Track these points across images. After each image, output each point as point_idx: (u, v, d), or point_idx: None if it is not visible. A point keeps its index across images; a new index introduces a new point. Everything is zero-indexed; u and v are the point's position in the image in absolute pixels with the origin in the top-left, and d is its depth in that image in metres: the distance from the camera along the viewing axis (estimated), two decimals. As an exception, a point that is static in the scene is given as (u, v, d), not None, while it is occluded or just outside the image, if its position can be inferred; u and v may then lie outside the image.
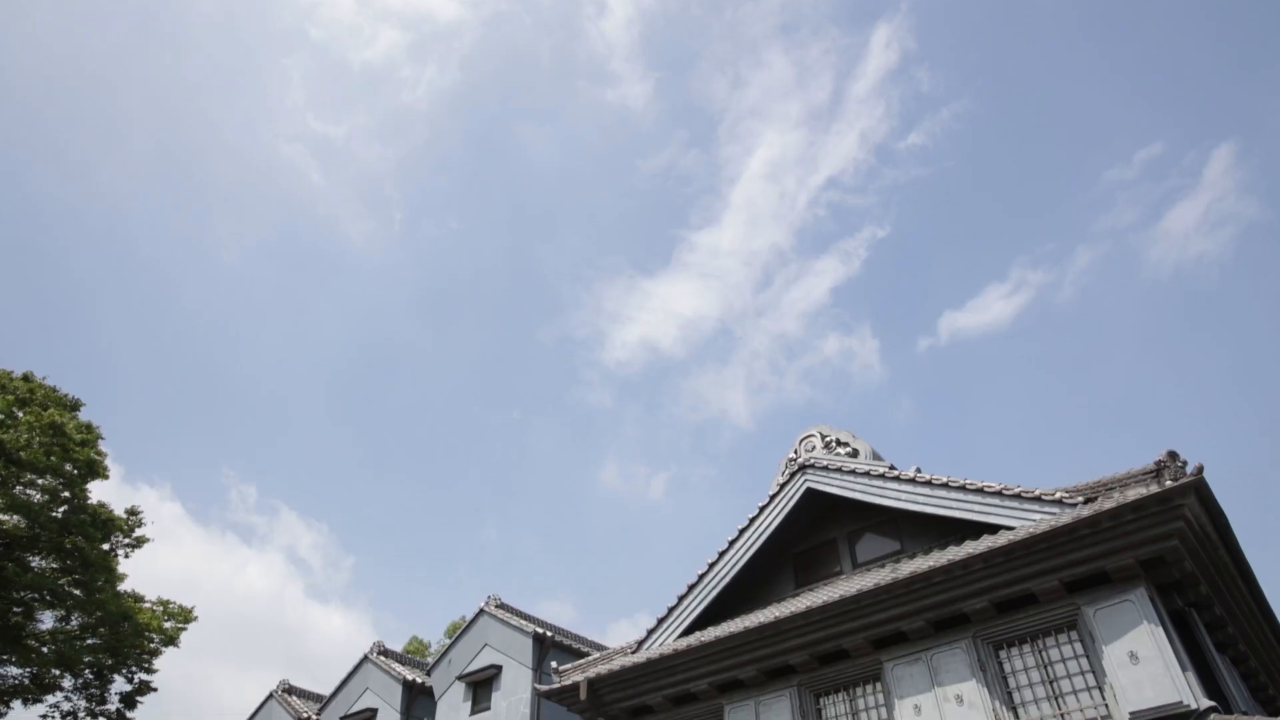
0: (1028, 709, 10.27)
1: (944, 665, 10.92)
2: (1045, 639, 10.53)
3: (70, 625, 16.88)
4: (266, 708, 24.12)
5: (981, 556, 10.44)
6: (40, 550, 16.12)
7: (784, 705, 12.25)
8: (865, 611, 11.41)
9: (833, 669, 12.10)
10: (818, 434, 14.63)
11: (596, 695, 14.04)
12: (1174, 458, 9.59)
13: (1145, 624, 9.53)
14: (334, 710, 21.47)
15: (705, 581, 14.26)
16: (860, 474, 13.22)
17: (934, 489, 12.20)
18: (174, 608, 18.30)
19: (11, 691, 16.57)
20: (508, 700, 17.14)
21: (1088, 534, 9.85)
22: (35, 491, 16.26)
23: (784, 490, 14.14)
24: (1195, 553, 9.87)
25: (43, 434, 16.21)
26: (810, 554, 14.49)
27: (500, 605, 19.18)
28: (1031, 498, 10.92)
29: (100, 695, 17.47)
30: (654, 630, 14.41)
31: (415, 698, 20.26)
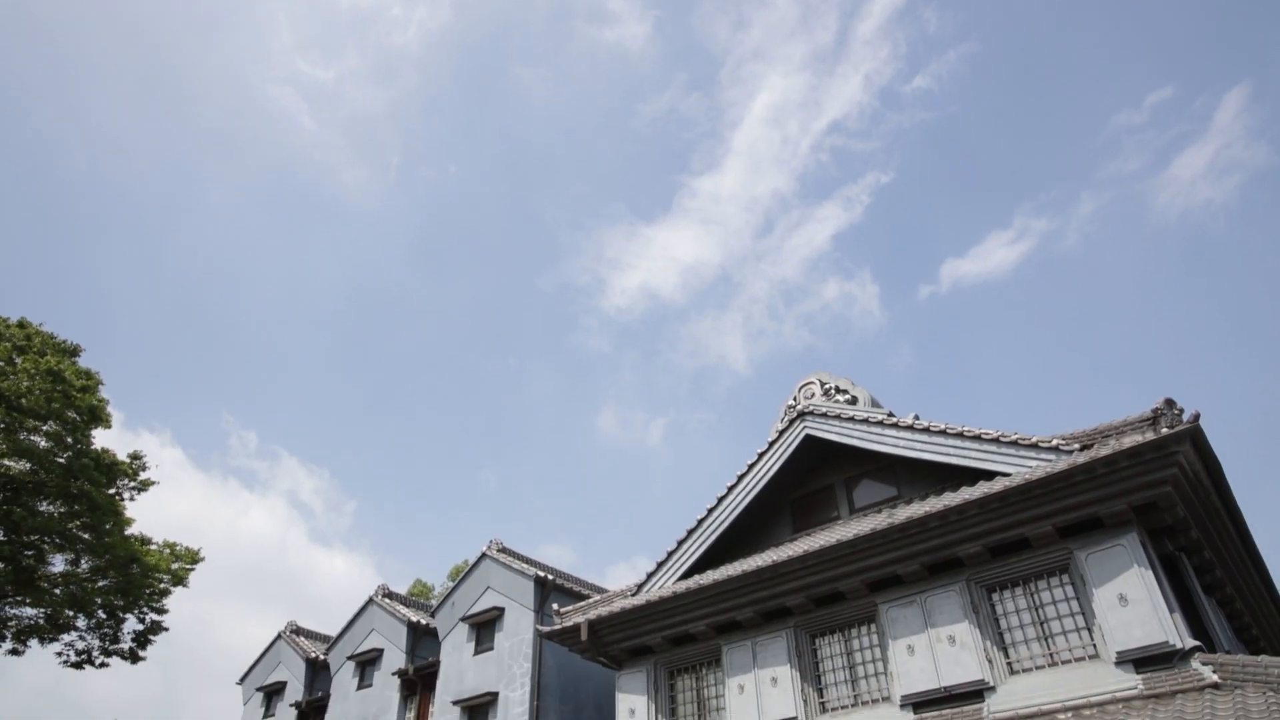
0: (1018, 649, 10.54)
1: (937, 607, 11.17)
2: (1037, 582, 10.75)
3: (81, 568, 17.19)
4: (275, 648, 24.75)
5: (978, 502, 10.58)
6: (47, 495, 16.32)
7: (780, 646, 12.56)
8: (861, 555, 11.62)
9: (828, 611, 12.37)
10: (817, 381, 14.69)
11: (597, 636, 14.38)
12: (1171, 405, 9.65)
13: (1136, 567, 9.72)
14: (341, 650, 22.02)
15: (704, 526, 14.49)
16: (859, 421, 13.31)
17: (931, 436, 12.30)
18: (181, 549, 18.62)
19: (28, 631, 17.01)
20: (510, 641, 17.57)
21: (1083, 480, 9.97)
22: (40, 438, 16.38)
23: (783, 436, 14.25)
24: (1188, 499, 10.01)
25: (42, 381, 16.25)
26: (808, 499, 14.69)
27: (502, 549, 19.51)
28: (1028, 445, 11.02)
29: (114, 634, 17.91)
30: (653, 573, 14.69)
31: (420, 638, 20.76)
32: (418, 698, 19.52)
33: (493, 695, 16.98)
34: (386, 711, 19.65)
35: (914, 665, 11.03)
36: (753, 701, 12.43)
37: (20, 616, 16.95)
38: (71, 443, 16.75)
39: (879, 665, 11.69)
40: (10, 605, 16.80)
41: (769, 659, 12.58)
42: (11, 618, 16.94)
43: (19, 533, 15.86)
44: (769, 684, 12.38)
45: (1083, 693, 9.59)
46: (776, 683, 12.31)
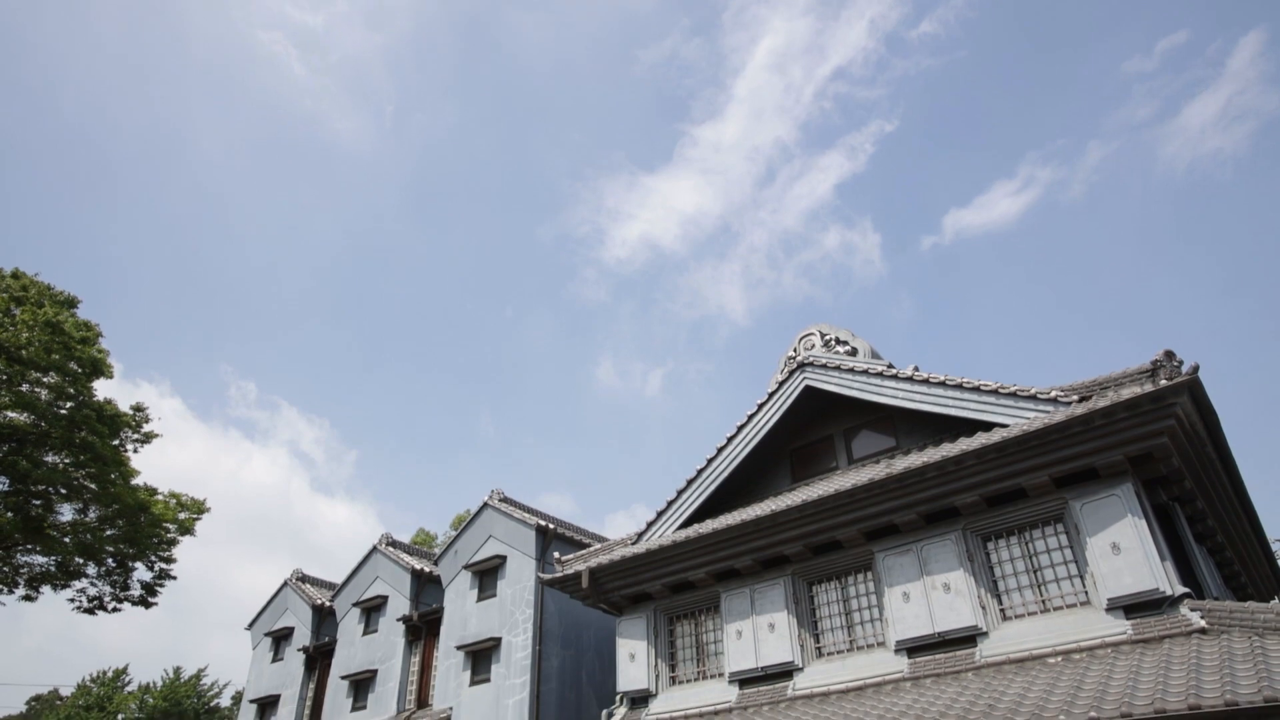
0: (1011, 596, 10.77)
1: (933, 556, 11.37)
2: (1032, 531, 10.93)
3: (89, 517, 17.43)
4: (282, 595, 25.23)
5: (975, 453, 10.68)
6: (52, 446, 16.45)
7: (778, 593, 12.82)
8: (859, 505, 11.78)
9: (825, 559, 12.59)
10: (817, 332, 14.71)
11: (598, 583, 14.66)
12: (1170, 357, 9.68)
13: (1129, 517, 9.87)
14: (346, 597, 22.45)
15: (704, 476, 14.65)
16: (858, 372, 13.36)
17: (931, 387, 12.36)
18: (187, 499, 18.84)
19: (40, 578, 17.34)
20: (512, 588, 17.91)
21: (1080, 431, 10.05)
22: (42, 389, 16.43)
23: (783, 388, 14.32)
24: (1184, 450, 10.11)
25: (41, 332, 16.22)
26: (807, 450, 14.83)
27: (504, 499, 19.75)
28: (1027, 396, 11.08)
29: (124, 581, 18.26)
30: (654, 522, 14.90)
31: (424, 586, 21.15)
32: (422, 643, 19.98)
33: (496, 640, 17.38)
34: (392, 656, 20.13)
35: (909, 612, 11.27)
36: (750, 646, 12.73)
37: (32, 564, 17.27)
38: (73, 394, 16.80)
39: (874, 612, 11.95)
40: (22, 553, 17.08)
41: (767, 605, 12.85)
42: (24, 565, 17.25)
43: (25, 482, 16.03)
44: (766, 629, 12.67)
45: (1073, 638, 9.83)
46: (774, 628, 12.59)
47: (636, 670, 14.08)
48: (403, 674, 19.75)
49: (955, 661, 10.61)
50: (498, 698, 16.75)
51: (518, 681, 16.56)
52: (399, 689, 19.52)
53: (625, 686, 14.14)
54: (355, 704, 20.33)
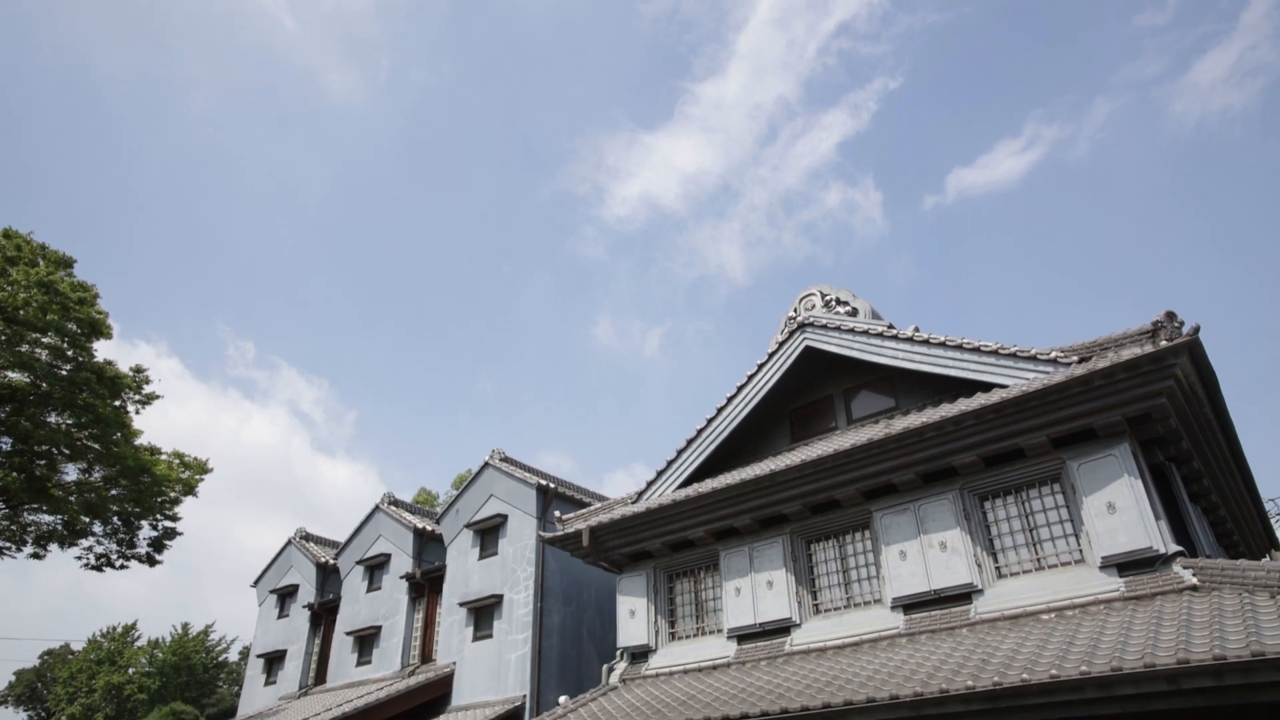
0: (1007, 554, 10.90)
1: (930, 515, 11.48)
2: (1029, 491, 11.03)
3: (93, 477, 17.56)
4: (286, 553, 25.54)
5: (974, 413, 10.73)
6: (54, 407, 16.50)
7: (776, 551, 12.98)
8: (858, 465, 11.86)
9: (824, 518, 12.73)
10: (818, 293, 14.66)
11: (598, 541, 14.83)
12: (1171, 318, 9.67)
13: (1126, 477, 9.95)
14: (350, 555, 22.73)
15: (704, 435, 14.73)
16: (859, 333, 13.35)
17: (931, 348, 12.36)
18: (190, 460, 18.96)
19: (47, 536, 17.55)
20: (514, 546, 18.12)
21: (1079, 392, 10.08)
22: (41, 351, 16.42)
23: (783, 348, 14.32)
24: (1181, 411, 10.15)
25: (39, 293, 16.14)
26: (807, 410, 14.89)
27: (504, 459, 19.88)
28: (1027, 357, 11.09)
29: (129, 540, 18.47)
30: (653, 481, 15.02)
31: (426, 544, 21.40)
32: (425, 599, 20.29)
33: (498, 597, 17.65)
34: (396, 612, 20.45)
35: (905, 570, 11.42)
36: (749, 603, 12.93)
37: (39, 522, 17.46)
38: (72, 355, 16.79)
39: (871, 570, 12.12)
40: (28, 512, 17.25)
41: (765, 563, 13.02)
42: (31, 523, 17.44)
43: (28, 443, 16.11)
44: (765, 587, 12.85)
45: (1067, 595, 9.98)
46: (772, 585, 12.78)
47: (636, 626, 14.32)
48: (406, 630, 20.09)
49: (950, 618, 10.79)
50: (500, 653, 17.06)
51: (520, 637, 16.86)
52: (403, 644, 19.87)
53: (625, 642, 14.40)
54: (360, 659, 20.72)
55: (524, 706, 15.95)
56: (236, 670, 52.29)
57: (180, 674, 50.37)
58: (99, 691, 50.09)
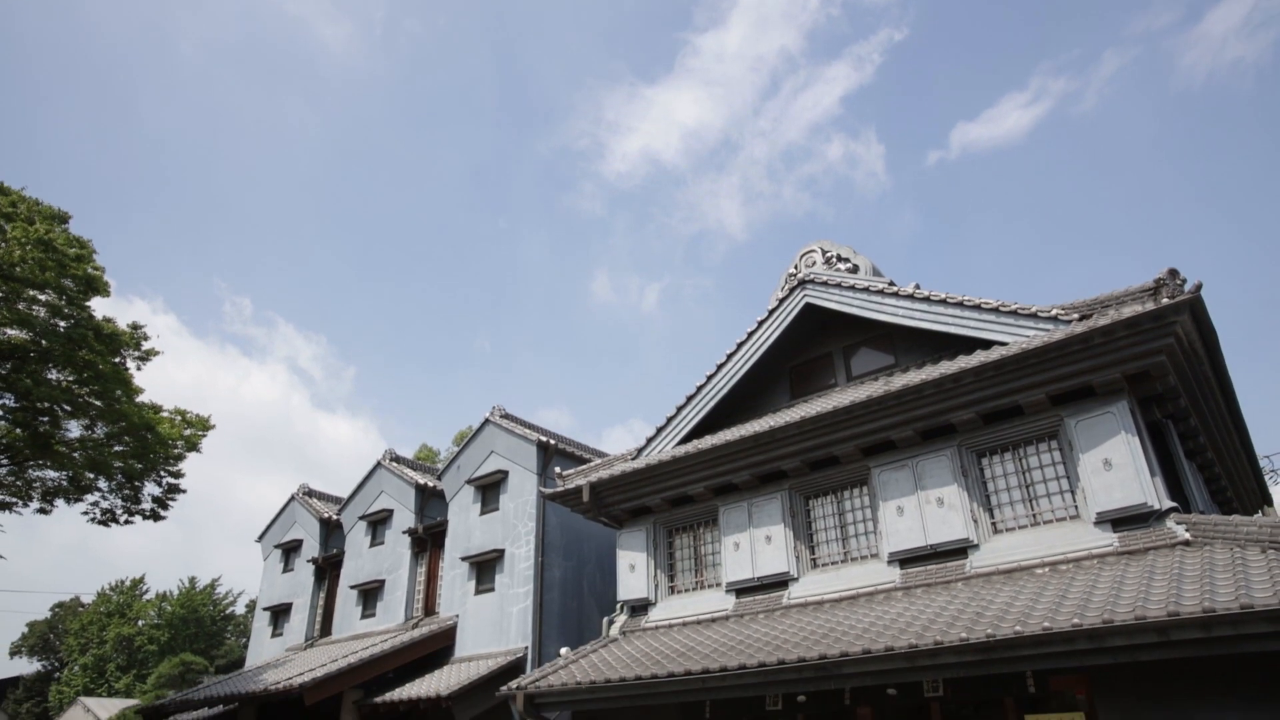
0: (1003, 510, 11.02)
1: (928, 471, 11.58)
2: (1026, 448, 11.10)
3: (96, 433, 17.64)
4: (290, 508, 25.82)
5: (973, 371, 10.74)
6: (54, 364, 16.48)
7: (775, 506, 13.11)
8: (857, 422, 11.92)
9: (822, 474, 12.83)
10: (818, 249, 14.58)
11: (598, 497, 14.98)
12: (1174, 275, 9.62)
13: (1122, 434, 10.00)
14: (353, 511, 22.97)
15: (703, 392, 14.78)
16: (859, 290, 13.30)
17: (931, 305, 12.33)
18: (193, 417, 19.01)
19: (53, 492, 17.71)
20: (514, 502, 18.31)
21: (1079, 350, 10.08)
22: (39, 308, 16.34)
23: (783, 305, 14.29)
24: (1180, 368, 10.16)
25: (34, 249, 16.01)
26: (806, 367, 14.91)
27: (505, 415, 19.97)
28: (1027, 314, 11.07)
29: (134, 496, 18.63)
30: (653, 438, 15.11)
31: (428, 500, 21.62)
32: (428, 554, 20.57)
33: (499, 552, 17.88)
34: (399, 567, 20.75)
35: (902, 525, 11.56)
36: (747, 558, 13.11)
37: (44, 478, 17.60)
38: (69, 313, 16.73)
39: (869, 525, 12.26)
40: (33, 468, 17.38)
41: (764, 519, 13.16)
42: (36, 479, 17.58)
43: (29, 400, 16.14)
44: (763, 542, 13.02)
45: (1061, 550, 10.11)
46: (770, 540, 12.94)
47: (636, 580, 14.54)
48: (409, 584, 20.40)
49: (946, 572, 10.95)
50: (502, 606, 17.35)
51: (521, 591, 17.13)
52: (406, 598, 20.20)
53: (625, 595, 14.63)
54: (365, 612, 21.08)
55: (526, 658, 16.28)
56: (243, 623, 53.28)
57: (189, 626, 51.35)
58: (110, 643, 51.12)
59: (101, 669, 50.74)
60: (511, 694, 12.51)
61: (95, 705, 40.72)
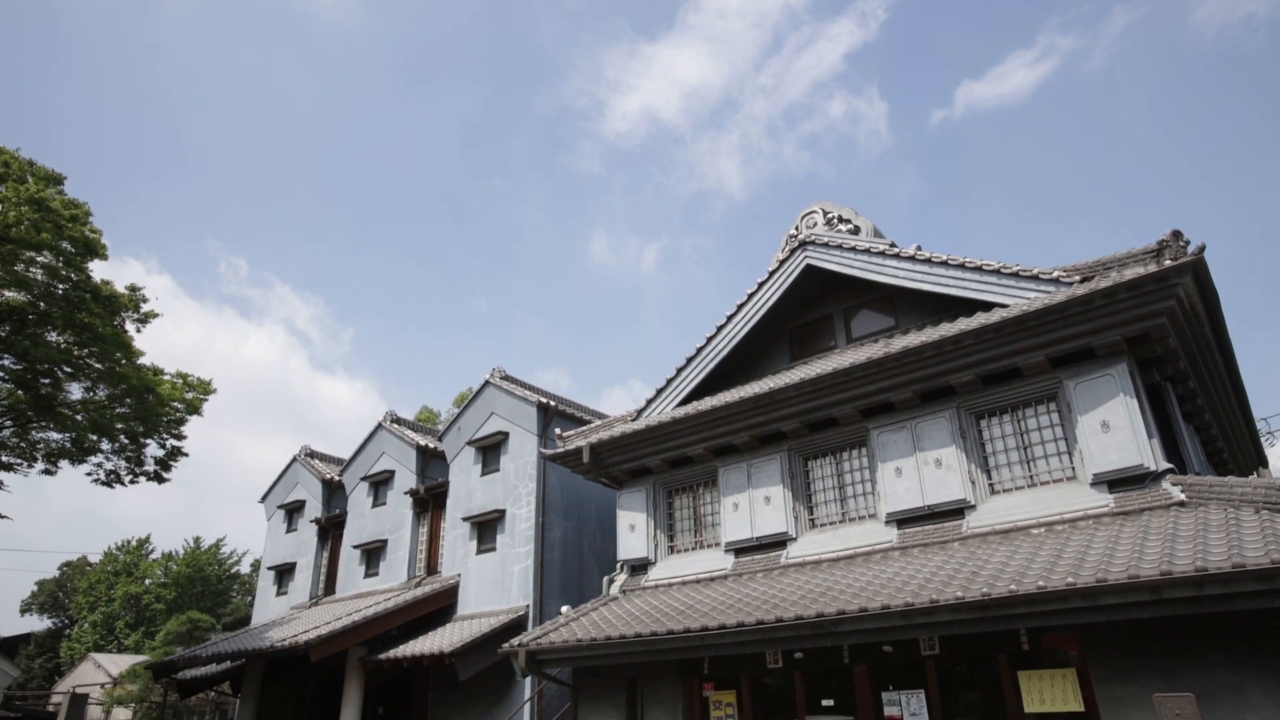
0: (1000, 471, 11.10)
1: (926, 433, 11.63)
2: (1024, 409, 11.14)
3: (98, 395, 17.69)
4: (292, 469, 26.01)
5: (973, 333, 10.73)
6: (54, 326, 16.47)
7: (774, 467, 13.20)
8: (856, 383, 11.95)
9: (821, 435, 12.90)
10: (820, 210, 14.47)
11: (598, 458, 15.07)
12: (1177, 237, 9.56)
13: (1121, 396, 10.03)
14: (354, 472, 23.14)
15: (703, 354, 14.79)
16: (860, 251, 13.23)
17: (932, 266, 12.28)
18: (194, 380, 19.04)
19: (56, 453, 17.83)
20: (515, 463, 18.43)
21: (1079, 312, 10.06)
22: (37, 270, 16.28)
23: (783, 266, 14.23)
24: (1181, 331, 10.15)
25: (29, 210, 15.88)
26: (806, 328, 14.90)
27: (505, 377, 20.00)
28: (1029, 276, 11.02)
29: (137, 457, 18.76)
30: (653, 399, 15.16)
31: (429, 461, 21.77)
32: (429, 514, 20.77)
33: (500, 512, 18.05)
34: (401, 527, 20.97)
35: (900, 486, 11.65)
36: (746, 518, 13.24)
37: (48, 440, 17.72)
38: (67, 275, 16.66)
39: (867, 486, 12.36)
40: (37, 429, 17.47)
41: (763, 479, 13.26)
42: (40, 441, 17.69)
43: (30, 361, 16.16)
44: (762, 502, 13.13)
45: (1057, 510, 10.21)
46: (769, 501, 13.05)
47: (636, 540, 14.70)
48: (412, 544, 20.64)
49: (943, 533, 11.07)
50: (503, 565, 17.57)
51: (522, 550, 17.33)
52: (409, 557, 20.45)
53: (625, 555, 14.81)
54: (368, 571, 21.36)
55: (527, 616, 16.54)
56: (249, 582, 54.04)
57: (195, 585, 52.11)
58: (118, 601, 51.93)
59: (110, 626, 51.61)
60: (513, 651, 12.73)
61: (105, 661, 41.51)
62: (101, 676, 38.10)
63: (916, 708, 10.05)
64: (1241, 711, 7.70)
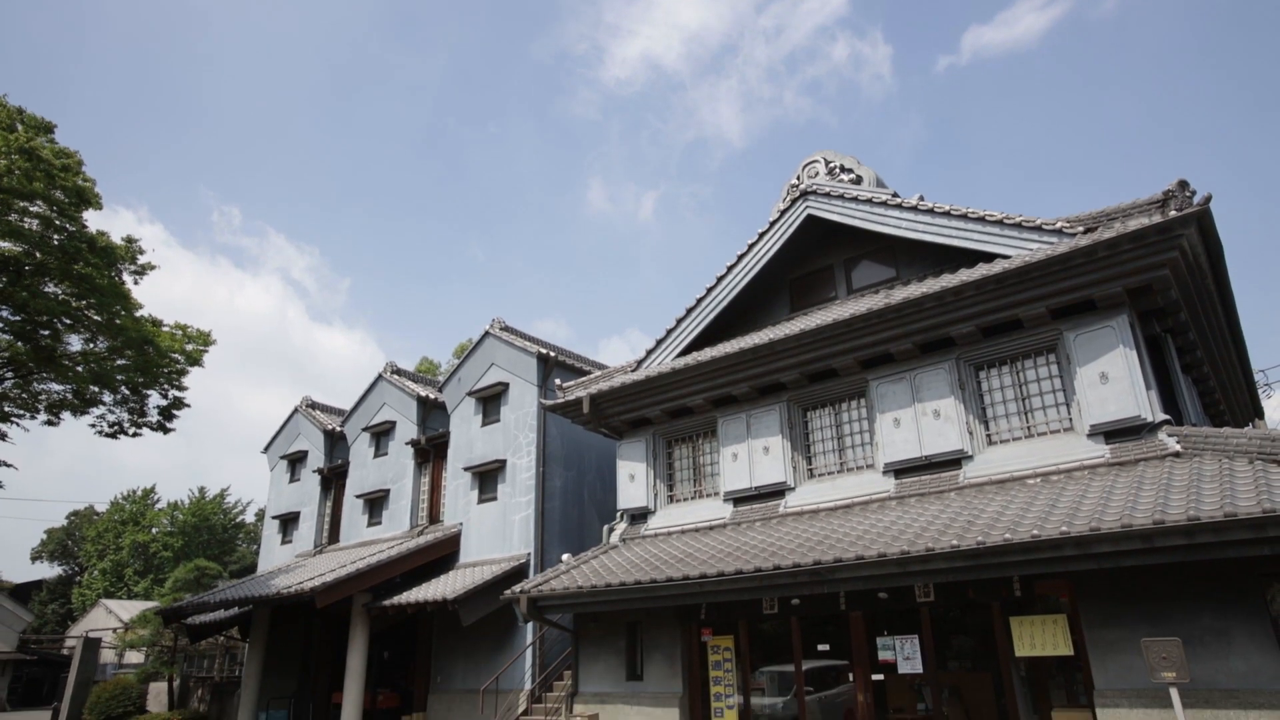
0: (998, 422, 11.16)
1: (926, 384, 11.67)
2: (1024, 361, 11.16)
3: (98, 347, 17.69)
4: (294, 420, 26.16)
5: (974, 284, 10.69)
6: (51, 277, 16.39)
7: (773, 418, 13.28)
8: (856, 334, 11.94)
9: (821, 386, 12.94)
10: (822, 160, 14.28)
11: (598, 408, 15.15)
12: (1184, 187, 9.46)
13: (1121, 348, 10.03)
14: (356, 423, 23.28)
15: (703, 305, 14.75)
16: (862, 201, 13.10)
17: (935, 217, 12.17)
18: (193, 331, 19.02)
19: (59, 405, 17.92)
20: (515, 413, 18.53)
21: (1082, 263, 10.00)
22: (30, 220, 16.13)
23: (784, 216, 14.10)
24: (1183, 282, 10.10)
25: (20, 159, 15.67)
26: (807, 279, 14.84)
27: (505, 328, 19.98)
28: (1032, 227, 10.93)
29: (140, 409, 18.86)
30: (653, 350, 15.17)
31: (430, 411, 21.87)
32: (431, 464, 20.95)
33: (501, 462, 18.21)
34: (403, 477, 21.18)
35: (899, 436, 11.73)
36: (745, 468, 13.36)
37: (50, 391, 17.79)
38: (61, 225, 16.51)
39: (865, 436, 12.44)
40: (38, 381, 17.53)
41: (762, 430, 13.35)
42: (42, 392, 17.77)
43: (29, 312, 16.13)
44: (761, 452, 13.24)
45: (1053, 461, 10.30)
46: (768, 451, 13.16)
47: (636, 490, 14.87)
48: (414, 493, 20.87)
49: (940, 482, 11.18)
50: (504, 514, 17.80)
51: (523, 499, 17.54)
52: (411, 506, 20.70)
53: (625, 504, 14.99)
54: (371, 520, 21.65)
55: (528, 563, 16.81)
56: (254, 530, 54.83)
57: (201, 534, 52.89)
58: (126, 549, 52.79)
59: (119, 573, 52.55)
60: (515, 597, 12.98)
61: (116, 607, 42.39)
62: (113, 621, 38.94)
63: (910, 652, 10.29)
64: (1226, 655, 7.89)
